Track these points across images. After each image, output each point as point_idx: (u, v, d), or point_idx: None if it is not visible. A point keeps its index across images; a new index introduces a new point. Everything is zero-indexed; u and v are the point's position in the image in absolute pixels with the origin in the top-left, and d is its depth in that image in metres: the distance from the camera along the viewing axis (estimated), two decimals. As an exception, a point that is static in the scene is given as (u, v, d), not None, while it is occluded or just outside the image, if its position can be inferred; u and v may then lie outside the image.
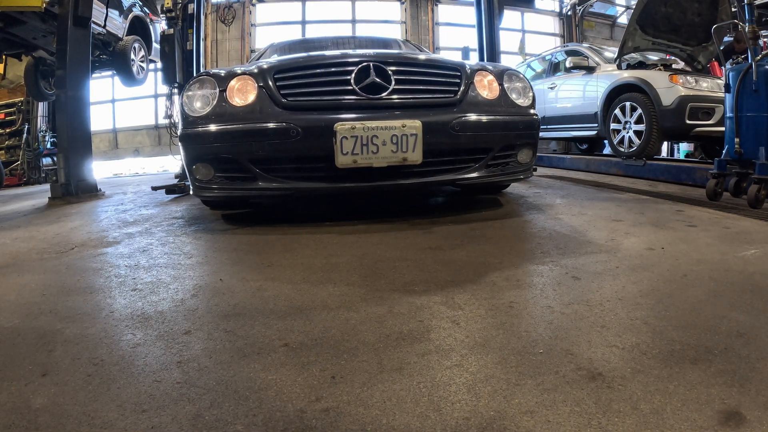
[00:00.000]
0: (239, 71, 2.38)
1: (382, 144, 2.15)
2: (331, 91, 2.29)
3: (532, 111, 2.54)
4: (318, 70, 2.36)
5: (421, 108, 2.30)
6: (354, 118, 2.17)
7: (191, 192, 2.47)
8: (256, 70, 2.35)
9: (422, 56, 2.73)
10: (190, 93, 2.35)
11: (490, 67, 2.60)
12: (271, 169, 2.26)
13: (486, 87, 2.48)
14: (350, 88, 2.25)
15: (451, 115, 2.29)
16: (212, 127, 2.24)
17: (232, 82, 2.32)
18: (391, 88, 2.28)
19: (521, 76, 2.64)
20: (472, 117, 2.32)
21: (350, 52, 2.84)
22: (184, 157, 2.38)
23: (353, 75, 2.26)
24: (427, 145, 2.20)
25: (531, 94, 2.59)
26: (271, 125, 2.19)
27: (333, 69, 2.33)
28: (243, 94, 2.30)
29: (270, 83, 2.28)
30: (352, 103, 2.26)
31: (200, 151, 2.29)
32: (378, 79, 2.26)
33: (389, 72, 2.29)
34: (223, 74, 2.38)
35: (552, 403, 0.90)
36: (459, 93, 2.38)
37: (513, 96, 2.52)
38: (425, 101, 2.34)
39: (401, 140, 2.16)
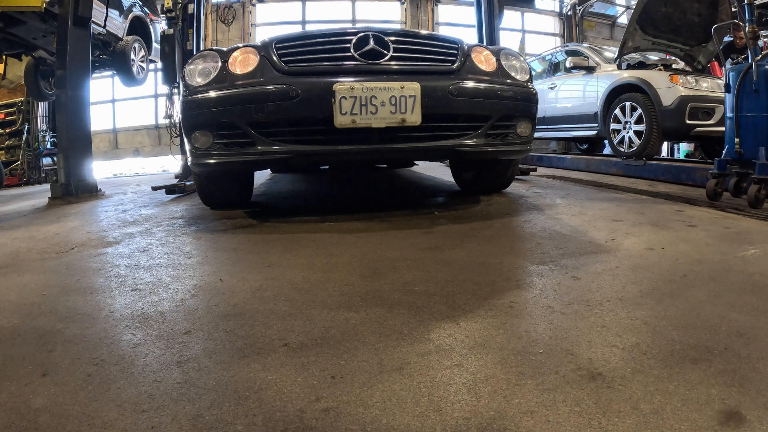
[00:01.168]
0: (241, 45, 2.46)
1: (380, 105, 2.17)
2: (331, 57, 2.34)
3: (529, 85, 2.59)
4: (319, 39, 2.42)
5: (419, 74, 2.33)
6: (353, 80, 2.20)
7: (189, 162, 2.48)
8: (258, 43, 2.44)
9: (420, 30, 2.81)
10: (191, 66, 2.41)
11: (488, 46, 2.70)
12: (270, 133, 2.26)
13: (483, 61, 2.54)
14: (349, 54, 2.30)
15: (450, 81, 2.32)
16: (212, 93, 2.28)
17: (235, 53, 2.39)
18: (389, 54, 2.33)
19: (518, 55, 2.70)
20: (471, 84, 2.36)
21: (350, 27, 2.93)
22: (184, 126, 2.40)
23: (353, 43, 2.32)
24: (425, 108, 2.22)
25: (528, 70, 2.66)
26: (270, 87, 2.22)
27: (333, 38, 2.40)
28: (244, 64, 2.35)
29: (271, 52, 2.33)
30: (351, 67, 2.30)
31: (199, 118, 2.30)
32: (377, 47, 2.32)
33: (388, 41, 2.35)
34: (225, 49, 2.45)
35: (552, 403, 0.90)
36: (457, 62, 2.43)
37: (510, 71, 2.57)
38: (423, 68, 2.38)
39: (400, 101, 2.18)
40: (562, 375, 0.99)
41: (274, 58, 2.30)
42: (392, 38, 2.37)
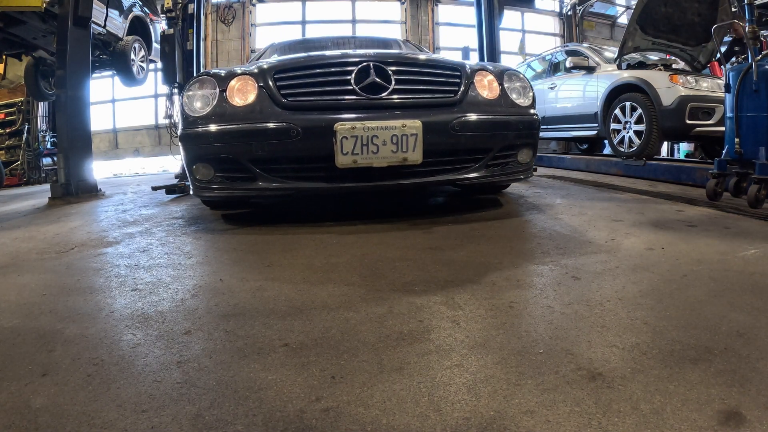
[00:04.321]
0: (239, 71, 2.37)
1: (382, 144, 2.15)
2: (331, 91, 2.29)
3: (532, 111, 2.54)
4: (318, 70, 2.35)
5: (421, 108, 2.30)
6: (354, 118, 2.17)
7: (191, 192, 2.47)
8: (256, 70, 2.35)
9: (422, 56, 2.73)
10: (190, 93, 2.35)
11: (490, 67, 2.60)
12: (272, 169, 2.26)
13: (486, 87, 2.48)
14: (350, 88, 2.25)
15: (452, 115, 2.29)
16: (212, 127, 2.24)
17: (232, 82, 2.31)
18: (391, 88, 2.27)
19: (521, 76, 2.63)
20: (473, 117, 2.32)
21: (350, 52, 2.86)
22: (184, 157, 2.38)
23: (353, 75, 2.26)
24: (427, 145, 2.20)
25: (531, 94, 2.59)
26: (271, 125, 2.19)
27: (333, 69, 2.33)
28: (243, 94, 2.30)
29: (270, 83, 2.28)
30: (352, 103, 2.26)
31: (200, 151, 2.29)
32: (378, 79, 2.26)
33: (389, 72, 2.29)
34: (223, 74, 2.38)
35: (552, 403, 0.90)
36: (459, 93, 2.38)
37: (513, 96, 2.51)
38: (425, 101, 2.34)
39: (401, 140, 2.16)
40: (562, 375, 0.99)
41: (274, 90, 2.26)
42: (394, 68, 2.30)
